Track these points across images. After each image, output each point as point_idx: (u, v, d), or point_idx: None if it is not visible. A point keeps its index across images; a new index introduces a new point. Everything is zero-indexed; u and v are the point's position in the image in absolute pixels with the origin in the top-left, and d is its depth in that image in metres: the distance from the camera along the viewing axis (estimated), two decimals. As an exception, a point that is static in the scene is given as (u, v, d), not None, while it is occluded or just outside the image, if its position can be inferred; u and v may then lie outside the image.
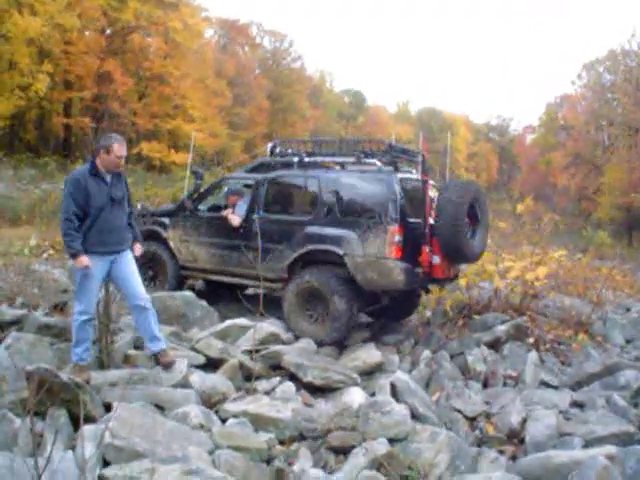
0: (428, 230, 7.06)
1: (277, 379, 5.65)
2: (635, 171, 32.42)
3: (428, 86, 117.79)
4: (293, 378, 5.69)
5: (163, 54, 32.37)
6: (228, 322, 6.77)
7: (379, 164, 7.24)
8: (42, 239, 11.26)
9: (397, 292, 7.25)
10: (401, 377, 5.44)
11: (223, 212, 7.91)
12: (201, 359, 5.75)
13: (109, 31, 31.09)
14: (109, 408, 4.42)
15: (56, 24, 24.07)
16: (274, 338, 6.54)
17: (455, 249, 6.90)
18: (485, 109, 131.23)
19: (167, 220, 8.28)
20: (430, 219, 7.17)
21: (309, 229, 7.23)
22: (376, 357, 6.41)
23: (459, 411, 5.28)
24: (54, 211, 14.43)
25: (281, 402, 5.05)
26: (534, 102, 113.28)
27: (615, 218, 35.40)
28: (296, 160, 7.70)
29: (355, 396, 5.31)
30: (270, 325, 6.80)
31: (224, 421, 4.68)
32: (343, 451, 4.41)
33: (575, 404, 5.52)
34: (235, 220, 7.67)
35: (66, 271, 8.37)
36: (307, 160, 7.68)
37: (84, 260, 4.87)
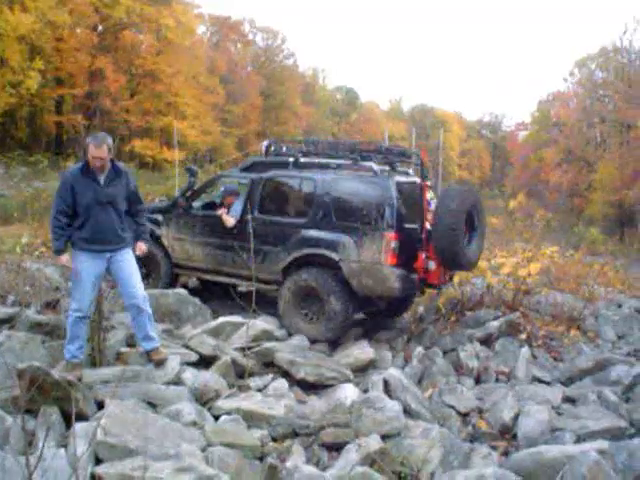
0: (424, 236, 7.03)
1: (270, 376, 5.65)
2: (627, 168, 32.51)
3: (421, 83, 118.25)
4: (286, 375, 5.70)
5: (155, 51, 32.29)
6: (221, 319, 6.75)
7: (375, 167, 7.15)
8: (34, 237, 11.18)
9: (393, 298, 7.22)
10: (394, 373, 5.46)
11: (217, 211, 7.87)
12: (194, 356, 5.73)
13: (101, 28, 30.97)
14: (101, 406, 4.42)
15: (47, 21, 24.00)
16: (267, 335, 6.53)
17: (451, 257, 6.80)
18: (477, 106, 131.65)
19: (160, 217, 8.23)
20: (427, 224, 7.10)
21: (305, 232, 7.14)
22: (369, 354, 6.41)
23: (452, 407, 5.30)
24: (46, 209, 14.35)
25: (274, 399, 5.07)
26: (526, 99, 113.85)
27: (607, 215, 35.48)
28: (291, 160, 7.65)
29: (348, 392, 5.32)
30: (263, 322, 6.79)
31: (217, 418, 4.67)
32: (336, 447, 4.42)
33: (567, 399, 5.55)
34: (229, 221, 7.62)
35: (58, 269, 8.33)
36: (303, 160, 7.61)
37: (63, 259, 5.09)
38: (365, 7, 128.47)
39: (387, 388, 5.30)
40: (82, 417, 4.19)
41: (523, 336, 6.95)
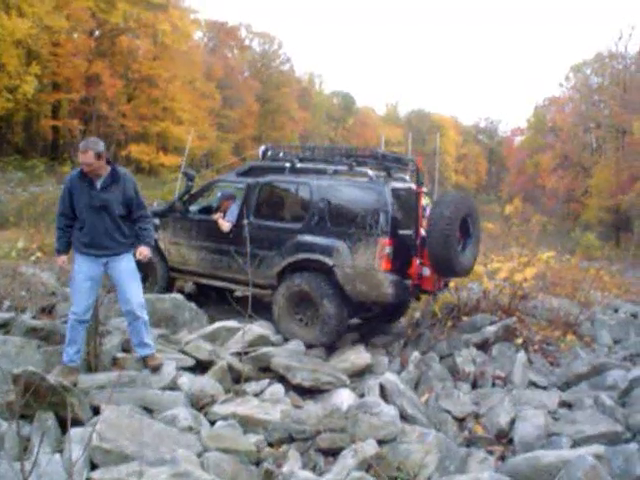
0: (419, 242, 7.04)
1: (266, 381, 5.63)
2: (622, 173, 32.66)
3: (417, 88, 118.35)
4: (282, 380, 5.68)
5: (152, 56, 32.34)
6: (217, 324, 6.74)
7: (371, 173, 7.14)
8: (30, 242, 11.15)
9: (387, 304, 7.22)
10: (390, 378, 5.44)
11: (214, 216, 7.88)
12: (190, 361, 5.72)
13: (97, 33, 31.05)
14: (97, 411, 4.40)
15: (44, 26, 24.00)
16: (263, 340, 6.52)
17: (445, 263, 6.80)
18: (473, 111, 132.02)
19: (157, 221, 8.22)
20: (422, 230, 7.11)
21: (300, 237, 7.13)
22: (365, 358, 6.41)
23: (448, 412, 5.28)
24: (42, 214, 14.34)
25: (270, 404, 5.05)
26: (522, 104, 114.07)
27: (603, 220, 35.61)
28: (288, 165, 7.65)
29: (344, 397, 5.31)
30: (259, 327, 6.78)
31: (213, 423, 4.66)
32: (332, 453, 4.41)
33: (563, 404, 5.54)
34: (225, 225, 7.63)
35: (54, 274, 8.32)
36: (299, 166, 7.62)
37: (59, 260, 5.29)
38: (361, 12, 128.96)
39: (383, 393, 5.29)
40: (77, 422, 4.18)
41: (519, 341, 6.94)
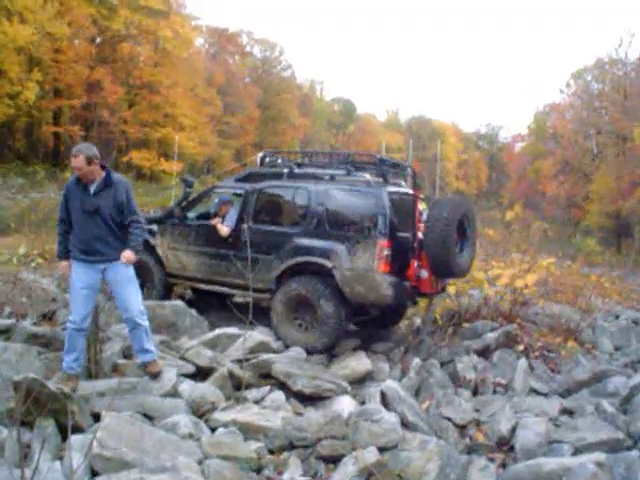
0: (417, 244, 7.10)
1: (267, 388, 5.61)
2: (623, 179, 32.63)
3: (417, 95, 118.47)
4: (283, 387, 5.66)
5: (153, 63, 32.41)
6: (218, 331, 6.73)
7: (369, 177, 7.22)
8: (31, 248, 11.16)
9: (385, 306, 7.25)
10: (391, 385, 5.44)
11: (212, 221, 7.90)
12: (190, 368, 5.71)
13: (99, 39, 31.10)
14: (98, 418, 4.39)
15: (46, 32, 24.06)
16: (264, 347, 6.51)
17: (443, 265, 6.91)
18: (474, 117, 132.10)
19: (155, 227, 8.24)
20: (419, 233, 7.18)
21: (298, 241, 7.19)
22: (366, 365, 6.40)
23: (449, 419, 5.28)
24: (43, 220, 14.36)
25: (271, 411, 5.04)
26: (523, 111, 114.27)
27: (604, 226, 35.58)
28: (286, 171, 7.68)
29: (345, 404, 5.31)
30: (260, 334, 6.77)
31: (213, 430, 4.66)
32: (333, 460, 4.40)
33: (564, 411, 5.53)
34: (223, 230, 7.65)
35: (55, 280, 8.32)
36: (297, 171, 7.65)
37: (61, 265, 5.35)
38: (362, 19, 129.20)
39: (384, 400, 5.28)
40: (78, 429, 4.17)
41: (520, 348, 6.95)
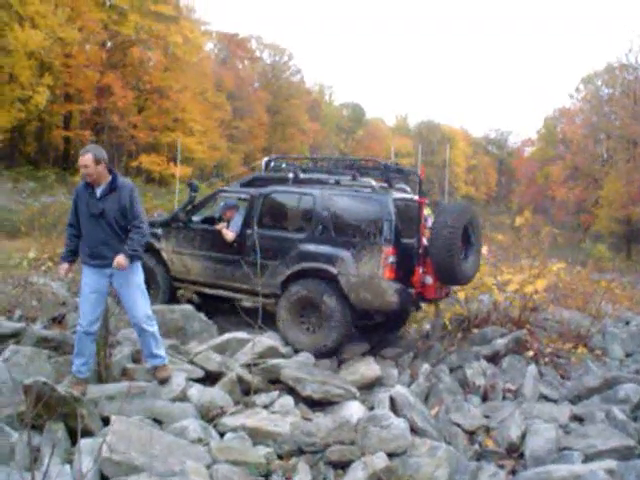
0: (422, 251, 7.12)
1: (276, 393, 5.61)
2: (633, 184, 32.52)
3: (427, 99, 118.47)
4: (292, 392, 5.66)
5: (163, 67, 32.55)
6: (227, 335, 6.73)
7: (374, 183, 7.23)
8: (41, 252, 11.23)
9: (390, 312, 7.25)
10: (400, 391, 5.42)
11: (217, 226, 7.91)
12: (199, 373, 5.71)
13: (109, 44, 31.28)
14: (107, 422, 4.40)
15: (57, 37, 24.21)
16: (273, 351, 6.50)
17: (448, 272, 6.92)
18: (483, 122, 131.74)
19: (160, 231, 8.24)
20: (424, 239, 7.19)
21: (303, 247, 7.20)
22: (375, 371, 6.39)
23: (458, 425, 5.26)
24: (54, 224, 14.45)
25: (280, 416, 5.04)
26: (532, 115, 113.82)
27: (614, 231, 35.47)
28: (291, 176, 7.69)
29: (354, 410, 5.29)
30: (269, 338, 6.77)
31: (222, 435, 4.66)
32: (342, 465, 4.39)
33: (575, 418, 5.50)
34: (229, 235, 7.66)
35: (65, 284, 8.36)
36: (302, 176, 7.66)
37: (61, 268, 5.29)
38: (372, 24, 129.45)
39: (393, 406, 5.27)
40: (88, 433, 4.19)
41: (530, 353, 6.91)
